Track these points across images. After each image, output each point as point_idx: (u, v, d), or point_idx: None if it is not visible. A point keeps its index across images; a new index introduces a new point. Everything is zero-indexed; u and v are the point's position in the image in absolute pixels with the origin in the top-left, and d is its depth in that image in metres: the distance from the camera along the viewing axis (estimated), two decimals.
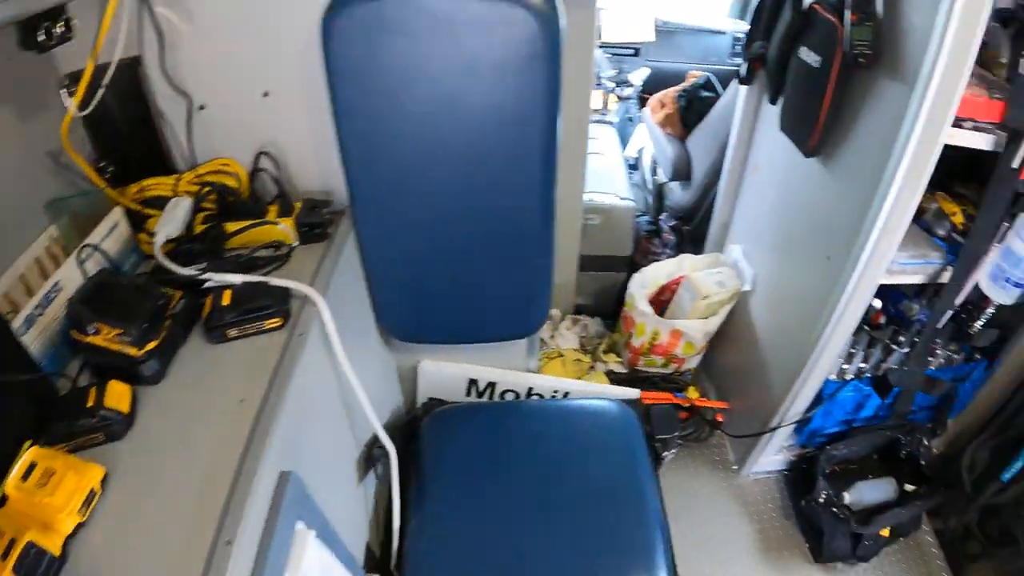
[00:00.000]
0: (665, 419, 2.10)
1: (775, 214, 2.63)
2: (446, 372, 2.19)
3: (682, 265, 2.97)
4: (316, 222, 1.67)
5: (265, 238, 1.63)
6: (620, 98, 4.60)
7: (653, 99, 3.81)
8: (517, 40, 1.39)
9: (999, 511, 2.49)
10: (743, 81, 2.66)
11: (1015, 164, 1.84)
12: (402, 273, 1.79)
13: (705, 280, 2.75)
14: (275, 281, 1.47)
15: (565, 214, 2.76)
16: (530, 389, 2.24)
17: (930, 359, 2.51)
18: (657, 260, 3.19)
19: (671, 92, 3.74)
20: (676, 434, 2.09)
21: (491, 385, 2.22)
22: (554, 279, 3.01)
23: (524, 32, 1.38)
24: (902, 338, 2.44)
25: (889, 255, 2.05)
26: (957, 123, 1.82)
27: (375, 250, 1.73)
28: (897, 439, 2.70)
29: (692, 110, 3.71)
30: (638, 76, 4.56)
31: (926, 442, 2.70)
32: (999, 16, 1.82)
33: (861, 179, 2.00)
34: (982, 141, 1.88)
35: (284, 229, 1.62)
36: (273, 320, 1.40)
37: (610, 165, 3.59)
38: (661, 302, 2.99)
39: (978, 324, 2.37)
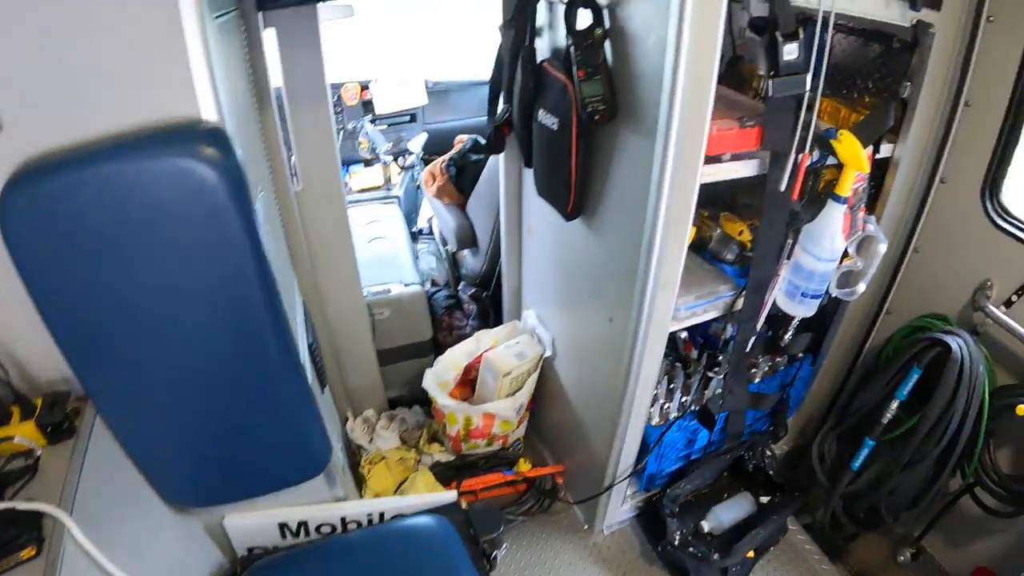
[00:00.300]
0: (486, 518, 2.11)
1: (556, 277, 2.72)
2: (253, 522, 2.13)
3: (480, 342, 3.02)
4: (58, 421, 1.59)
5: (9, 450, 1.55)
6: (403, 168, 4.66)
7: (425, 172, 3.90)
8: (191, 198, 1.33)
9: (860, 494, 2.64)
10: (492, 149, 2.67)
11: (782, 187, 1.93)
12: (162, 447, 1.73)
13: (503, 356, 2.82)
14: (22, 505, 1.39)
15: (346, 318, 2.87)
16: (343, 520, 2.20)
17: (752, 371, 2.64)
18: (462, 333, 3.26)
19: (439, 162, 3.83)
20: (502, 530, 2.10)
21: (303, 524, 2.17)
22: (355, 381, 3.06)
23: (196, 185, 1.32)
24: (720, 358, 2.53)
25: (669, 307, 2.13)
26: (715, 159, 1.89)
27: (127, 432, 1.66)
28: (740, 456, 2.84)
29: (466, 175, 3.81)
30: (417, 143, 4.67)
31: (769, 452, 2.88)
32: (754, 25, 1.85)
33: (625, 236, 2.06)
34: (745, 169, 1.98)
35: (22, 441, 1.54)
36: (27, 550, 1.33)
37: (394, 248, 3.67)
38: (471, 381, 3.02)
39: (787, 336, 2.52)
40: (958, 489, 2.47)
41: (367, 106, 4.80)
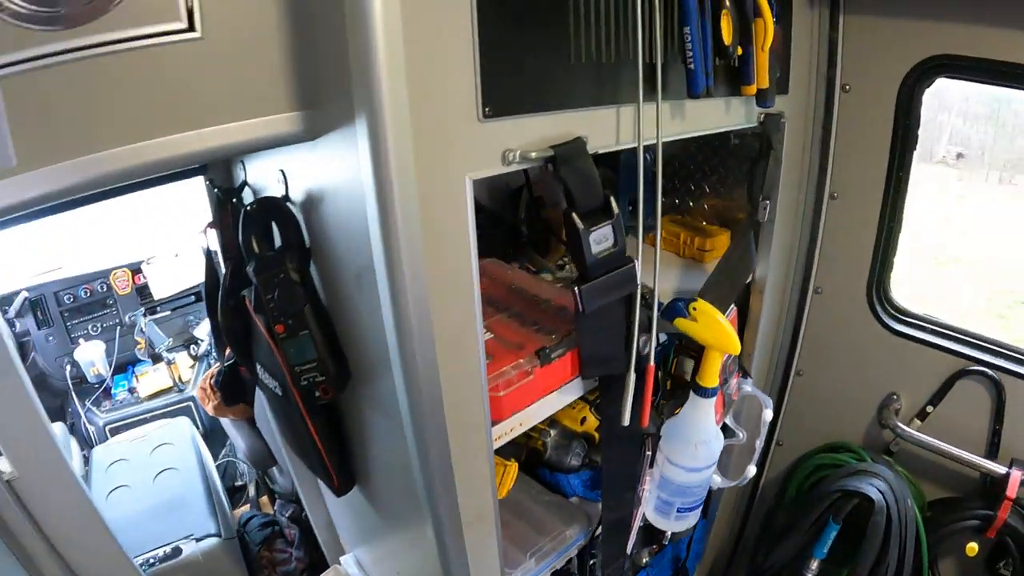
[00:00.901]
0: None
1: (361, 534, 2.21)
2: None
3: None
4: None
5: None
6: (195, 359, 4.18)
7: (198, 390, 3.32)
8: None
9: None
10: (227, 398, 2.20)
11: (625, 421, 1.47)
12: None
13: None
14: None
15: None
16: None
17: (638, 553, 2.17)
18: (287, 570, 2.86)
19: (207, 377, 3.19)
20: None
21: None
22: None
23: None
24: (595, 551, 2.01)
25: None
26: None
27: None
28: None
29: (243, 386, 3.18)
30: (204, 329, 4.15)
31: None
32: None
33: (417, 531, 1.51)
34: (565, 398, 1.54)
35: None
36: None
37: (186, 481, 3.12)
38: None
39: (668, 533, 2.07)
40: None
41: (143, 292, 4.20)
